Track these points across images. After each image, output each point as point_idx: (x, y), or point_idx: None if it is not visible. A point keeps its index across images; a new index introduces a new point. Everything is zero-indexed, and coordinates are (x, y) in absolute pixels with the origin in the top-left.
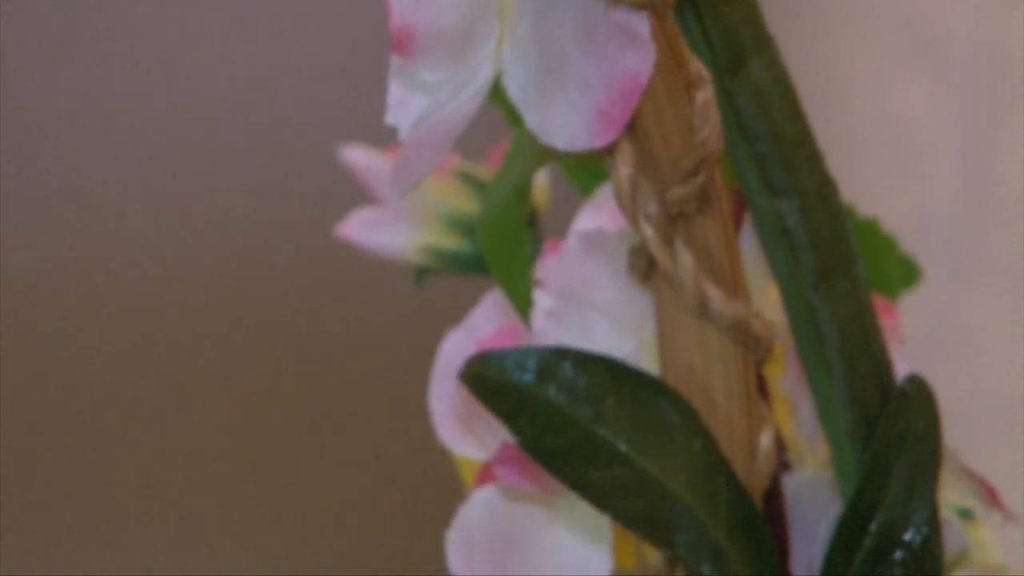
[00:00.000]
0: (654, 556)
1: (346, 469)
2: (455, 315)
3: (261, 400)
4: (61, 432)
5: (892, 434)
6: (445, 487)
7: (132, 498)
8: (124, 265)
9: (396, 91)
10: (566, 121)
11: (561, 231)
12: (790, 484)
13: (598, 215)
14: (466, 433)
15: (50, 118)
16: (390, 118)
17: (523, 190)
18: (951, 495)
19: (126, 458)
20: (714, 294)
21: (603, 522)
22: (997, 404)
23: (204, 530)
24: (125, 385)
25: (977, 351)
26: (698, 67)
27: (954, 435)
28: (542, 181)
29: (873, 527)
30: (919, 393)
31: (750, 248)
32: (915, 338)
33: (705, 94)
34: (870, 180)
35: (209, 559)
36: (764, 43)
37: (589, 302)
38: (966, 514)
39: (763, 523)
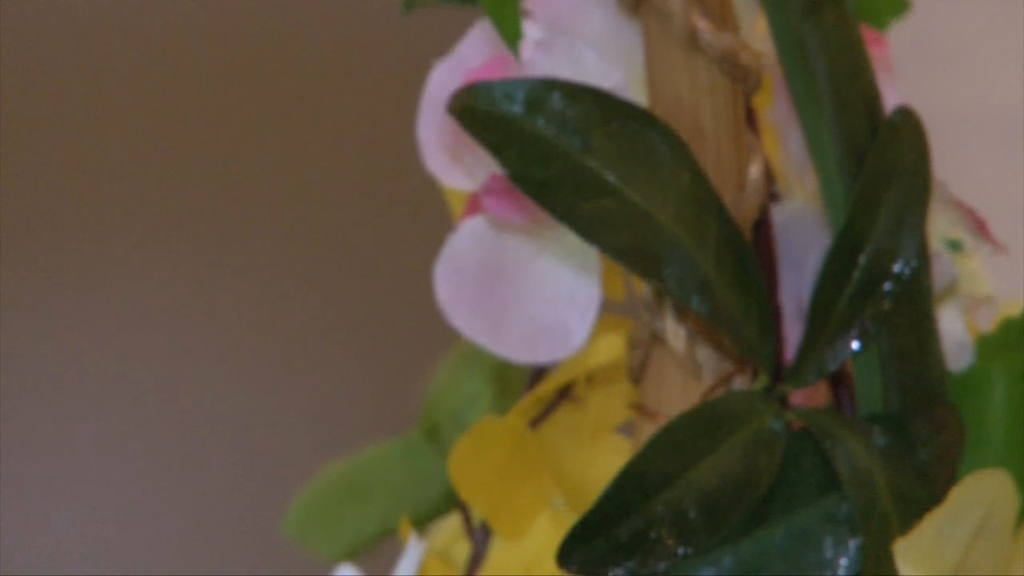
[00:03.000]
0: (642, 288)
1: (332, 188)
2: (443, 45)
3: (250, 125)
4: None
5: (881, 165)
6: (433, 219)
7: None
8: None
9: None
10: None
11: None
12: (779, 215)
13: None
14: (454, 164)
15: None
16: None
17: None
18: (940, 226)
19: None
20: (703, 25)
21: (591, 254)
22: (990, 117)
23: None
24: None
25: (968, 66)
26: None
27: (950, 150)
28: None
29: (862, 259)
30: (908, 124)
31: None
32: (905, 56)
33: None
34: None
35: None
36: None
37: (578, 32)
38: (955, 245)
39: (751, 254)
